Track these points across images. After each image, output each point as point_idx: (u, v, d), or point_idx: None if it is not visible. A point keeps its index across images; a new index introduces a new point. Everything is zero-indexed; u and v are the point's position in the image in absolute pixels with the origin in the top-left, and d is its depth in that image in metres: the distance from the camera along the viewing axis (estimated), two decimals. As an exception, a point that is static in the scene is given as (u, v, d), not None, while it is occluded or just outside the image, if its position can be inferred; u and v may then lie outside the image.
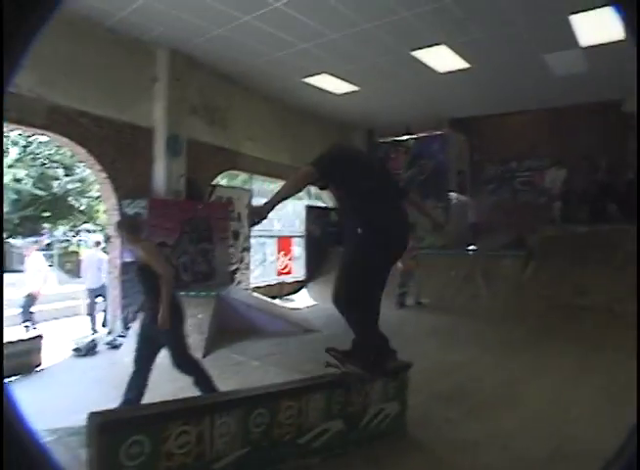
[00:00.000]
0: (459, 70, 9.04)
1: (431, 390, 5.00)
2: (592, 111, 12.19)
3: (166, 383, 5.12)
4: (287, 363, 5.95)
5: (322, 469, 3.14)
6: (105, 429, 2.29)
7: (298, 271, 12.16)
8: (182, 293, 7.13)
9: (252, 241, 10.34)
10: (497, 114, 12.83)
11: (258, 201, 10.93)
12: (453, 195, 13.56)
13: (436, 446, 3.73)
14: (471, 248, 11.16)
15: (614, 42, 7.69)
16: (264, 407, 2.77)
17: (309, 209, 12.48)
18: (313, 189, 13.00)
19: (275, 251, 11.45)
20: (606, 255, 9.98)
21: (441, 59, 8.61)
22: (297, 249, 12.27)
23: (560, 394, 4.98)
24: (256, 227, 10.09)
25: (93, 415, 2.39)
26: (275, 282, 11.28)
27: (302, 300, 11.14)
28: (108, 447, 2.28)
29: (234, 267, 9.45)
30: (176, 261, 7.70)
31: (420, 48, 8.18)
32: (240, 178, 10.85)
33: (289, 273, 11.79)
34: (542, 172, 13.16)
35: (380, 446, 3.59)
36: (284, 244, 11.73)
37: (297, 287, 11.90)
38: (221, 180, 9.99)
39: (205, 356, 6.10)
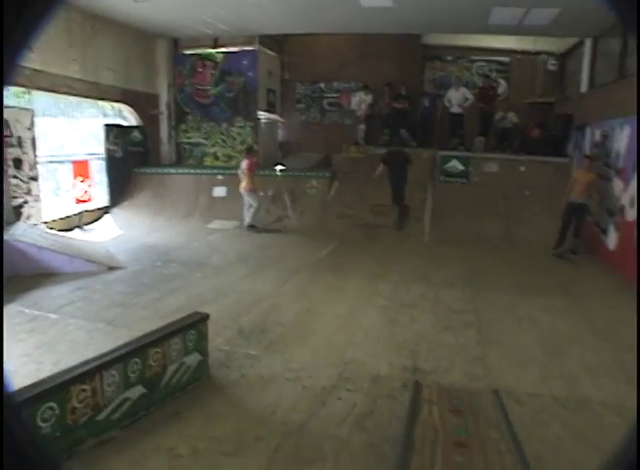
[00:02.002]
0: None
1: (235, 326, 5.35)
2: (396, 41, 13.05)
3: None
4: (89, 312, 5.72)
5: (127, 436, 3.29)
6: None
7: (101, 197, 11.30)
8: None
9: (41, 168, 9.18)
10: (308, 33, 12.86)
11: (45, 121, 9.61)
12: (263, 114, 13.61)
13: (237, 387, 4.12)
14: (279, 168, 11.53)
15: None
16: (52, 401, 2.74)
17: (108, 127, 11.37)
18: (116, 105, 11.78)
19: (71, 177, 10.36)
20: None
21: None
22: (98, 173, 11.27)
23: (350, 318, 5.74)
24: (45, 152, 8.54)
25: None
26: (74, 212, 10.35)
27: (107, 228, 10.51)
28: None
29: (20, 201, 8.39)
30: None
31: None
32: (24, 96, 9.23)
33: (89, 200, 10.88)
34: (349, 95, 13.92)
35: (183, 398, 3.85)
36: (81, 168, 10.65)
37: (100, 214, 11.13)
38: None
39: (-10, 315, 5.53)
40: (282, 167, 11.48)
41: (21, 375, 3.86)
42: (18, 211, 8.31)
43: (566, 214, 8.56)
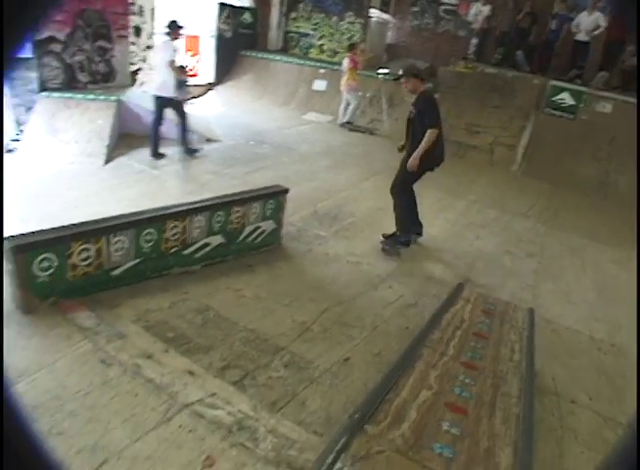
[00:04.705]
0: None
1: (311, 208, 5.80)
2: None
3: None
4: (186, 174, 6.43)
5: (204, 273, 3.93)
6: (19, 249, 2.81)
7: (207, 74, 11.79)
8: (80, 96, 7.02)
9: (156, 39, 9.67)
10: None
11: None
12: (375, 12, 13.04)
13: (303, 258, 4.63)
14: (381, 71, 11.27)
15: None
16: (153, 227, 3.35)
17: (222, 6, 11.54)
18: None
19: (182, 50, 10.79)
20: (503, 100, 10.72)
21: None
22: (206, 50, 11.67)
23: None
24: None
25: (9, 238, 2.89)
26: (182, 84, 10.94)
27: (210, 104, 11.10)
28: (22, 264, 2.86)
29: (135, 68, 9.03)
30: (70, 60, 7.27)
31: None
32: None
33: (195, 75, 11.40)
34: (468, 4, 12.86)
35: (255, 256, 4.42)
36: (192, 43, 11.07)
37: (205, 90, 11.70)
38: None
39: (106, 163, 6.36)
40: (385, 71, 11.17)
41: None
42: (133, 77, 8.98)
43: None
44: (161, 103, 6.72)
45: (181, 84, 6.85)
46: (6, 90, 6.58)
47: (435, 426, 2.43)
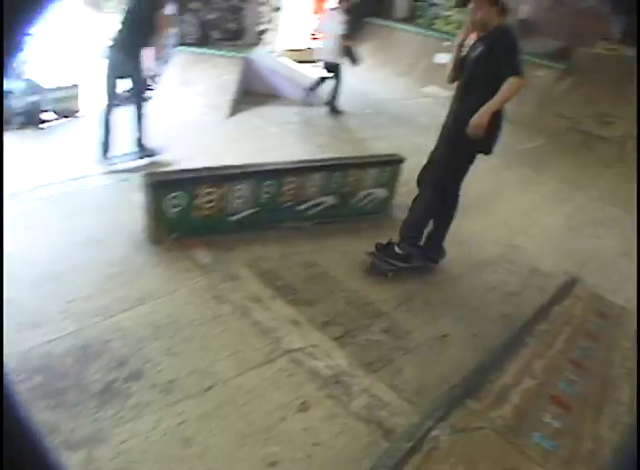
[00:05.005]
0: None
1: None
2: None
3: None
4: (303, 134, 6.60)
5: (314, 230, 4.03)
6: (154, 186, 3.13)
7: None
8: (211, 52, 7.35)
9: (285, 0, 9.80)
10: None
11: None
12: (512, -19, 12.11)
13: (410, 231, 4.56)
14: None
15: None
16: (273, 179, 3.51)
17: (353, -31, 11.34)
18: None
19: (310, 13, 10.88)
20: (644, 89, 9.60)
21: None
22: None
23: (532, 211, 5.62)
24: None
25: (147, 175, 3.21)
26: (306, 47, 11.01)
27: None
28: (156, 200, 3.15)
29: (263, 28, 9.23)
30: (206, 17, 7.60)
31: None
32: None
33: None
34: (618, -25, 11.50)
35: (364, 221, 4.41)
36: (319, 6, 11.07)
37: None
38: None
39: (230, 117, 6.67)
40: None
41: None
42: (259, 37, 9.20)
43: None
44: (326, 67, 7.48)
45: (346, 50, 7.63)
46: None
47: (537, 415, 2.34)
